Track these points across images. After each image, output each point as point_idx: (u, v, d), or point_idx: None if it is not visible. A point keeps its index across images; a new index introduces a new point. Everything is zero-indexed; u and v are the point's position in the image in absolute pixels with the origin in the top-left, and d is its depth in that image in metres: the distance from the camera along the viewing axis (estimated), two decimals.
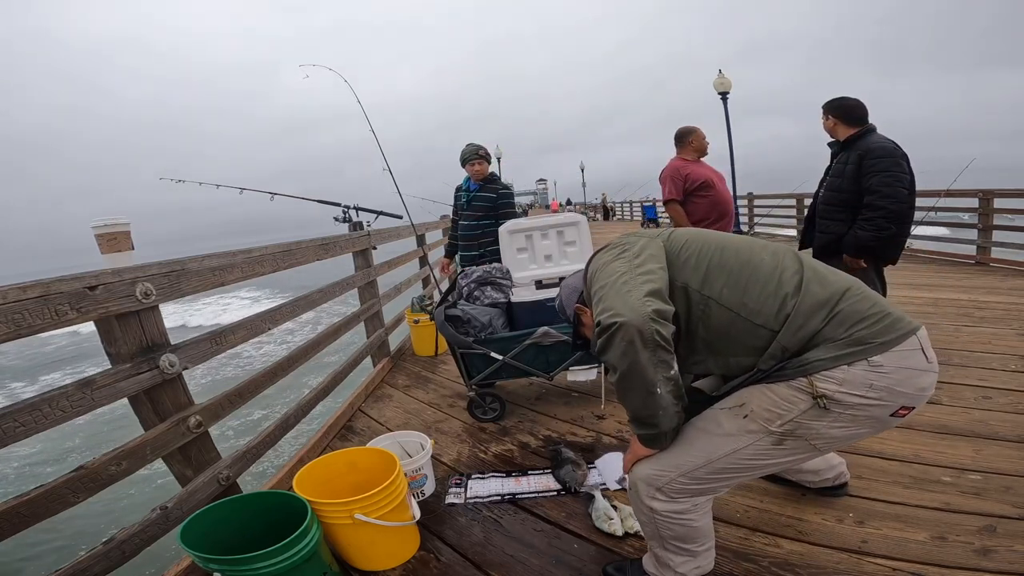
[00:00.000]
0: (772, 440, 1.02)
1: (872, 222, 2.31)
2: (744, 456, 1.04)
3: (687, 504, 1.12)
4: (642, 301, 0.97)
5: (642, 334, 0.95)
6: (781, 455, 1.03)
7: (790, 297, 0.98)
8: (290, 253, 2.45)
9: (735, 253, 1.06)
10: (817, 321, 0.96)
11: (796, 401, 0.98)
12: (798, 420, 0.98)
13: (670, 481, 1.10)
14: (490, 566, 1.55)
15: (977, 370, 2.62)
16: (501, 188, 3.40)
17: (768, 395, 1.02)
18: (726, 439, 1.05)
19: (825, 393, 0.94)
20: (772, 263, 1.03)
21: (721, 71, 9.56)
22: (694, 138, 3.20)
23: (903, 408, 0.96)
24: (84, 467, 1.33)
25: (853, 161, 2.36)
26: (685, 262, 1.08)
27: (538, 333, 2.38)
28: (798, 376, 0.97)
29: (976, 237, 6.16)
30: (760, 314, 0.99)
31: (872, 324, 0.94)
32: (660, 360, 0.97)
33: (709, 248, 1.08)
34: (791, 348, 0.98)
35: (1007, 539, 1.41)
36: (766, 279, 1.01)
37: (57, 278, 1.29)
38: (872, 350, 0.93)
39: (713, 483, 1.09)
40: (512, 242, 2.92)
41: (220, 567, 1.29)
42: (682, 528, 1.15)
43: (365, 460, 1.78)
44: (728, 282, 1.03)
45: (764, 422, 1.01)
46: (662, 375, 0.98)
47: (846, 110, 2.45)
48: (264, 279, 2.26)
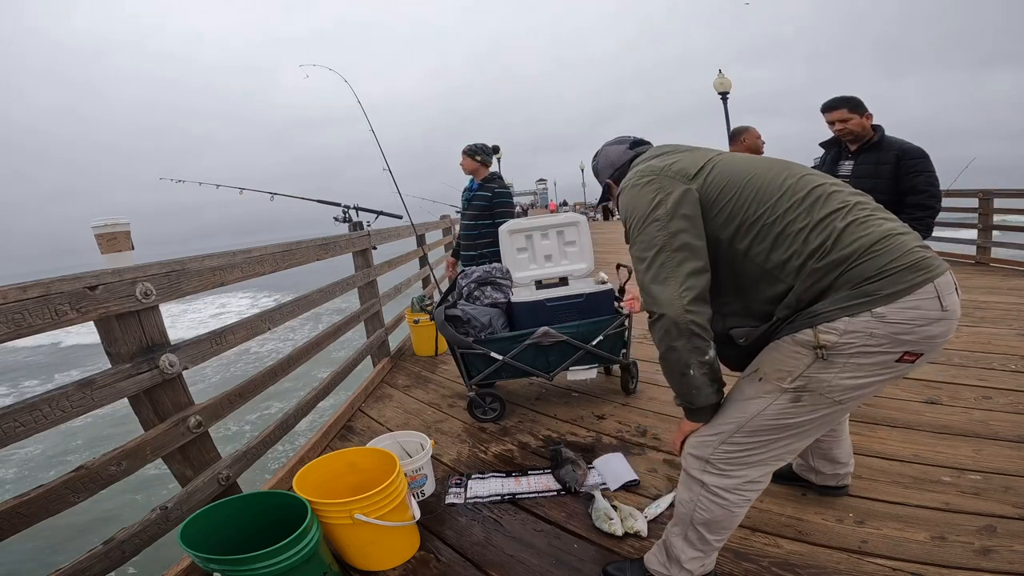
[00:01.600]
0: (789, 397, 1.05)
1: (923, 222, 2.29)
2: (769, 416, 1.08)
3: (736, 479, 1.14)
4: (679, 293, 1.05)
5: (678, 326, 1.05)
6: (806, 412, 1.05)
7: (812, 256, 1.00)
8: (290, 253, 2.45)
9: (770, 207, 1.05)
10: (831, 278, 0.98)
11: (799, 356, 1.02)
12: (806, 375, 1.02)
13: (714, 451, 1.15)
14: (490, 566, 1.55)
15: (977, 370, 2.62)
16: (498, 188, 3.35)
17: (774, 355, 1.07)
18: (748, 402, 1.11)
19: (825, 344, 0.97)
20: (804, 220, 1.02)
21: (721, 71, 9.56)
22: (746, 136, 3.18)
23: (907, 354, 0.96)
24: (84, 467, 1.33)
25: (888, 161, 2.30)
26: (718, 214, 1.10)
27: (538, 333, 2.38)
28: (804, 327, 1.01)
29: (976, 237, 6.17)
30: (783, 269, 1.03)
31: (883, 277, 0.94)
32: (694, 347, 1.06)
33: (745, 201, 1.07)
34: (804, 299, 1.02)
35: (1007, 539, 1.41)
36: (794, 237, 1.02)
37: (57, 278, 1.29)
38: (877, 301, 0.94)
39: (754, 449, 1.12)
40: (512, 242, 2.92)
41: (220, 567, 1.29)
42: (720, 510, 1.17)
43: (365, 460, 1.78)
44: (758, 237, 1.05)
45: (776, 381, 1.06)
46: (696, 359, 1.07)
47: (866, 108, 2.41)
48: (257, 281, 2.26)
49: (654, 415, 2.45)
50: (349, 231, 3.69)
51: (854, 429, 2.11)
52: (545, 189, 53.74)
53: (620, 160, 1.37)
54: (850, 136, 2.43)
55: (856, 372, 0.99)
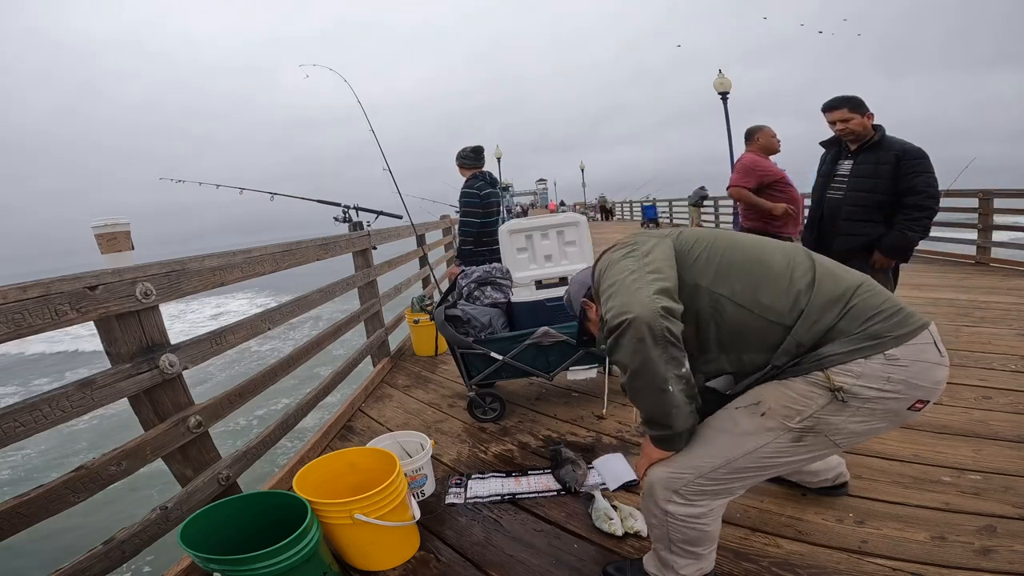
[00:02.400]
0: (791, 437, 1.01)
1: (920, 223, 2.29)
2: (764, 454, 1.03)
3: (704, 508, 1.11)
4: (651, 298, 0.97)
5: (652, 330, 0.95)
6: (802, 452, 1.02)
7: (803, 293, 0.97)
8: (290, 253, 2.45)
9: (745, 251, 1.06)
10: (831, 316, 0.96)
11: (814, 396, 0.97)
12: (817, 416, 0.98)
13: (688, 483, 1.09)
14: (490, 566, 1.55)
15: (977, 370, 2.62)
16: (464, 188, 3.45)
17: (784, 392, 1.01)
18: (745, 438, 1.04)
19: (842, 386, 0.94)
20: (783, 260, 1.03)
21: (721, 71, 9.56)
22: (760, 135, 3.18)
23: (919, 401, 0.96)
24: (84, 467, 1.33)
25: (888, 161, 2.31)
26: (695, 260, 1.08)
27: (538, 333, 2.38)
28: (814, 370, 0.97)
29: (976, 237, 6.17)
30: (773, 311, 0.99)
31: (886, 318, 0.94)
32: (671, 357, 0.97)
33: (720, 246, 1.08)
34: (805, 344, 0.98)
35: (1007, 539, 1.41)
36: (778, 275, 1.01)
37: (57, 278, 1.29)
38: (888, 343, 0.93)
39: (732, 483, 1.08)
40: (512, 242, 2.92)
41: (220, 567, 1.29)
42: (694, 532, 1.14)
43: (365, 460, 1.78)
44: (740, 279, 1.02)
45: (783, 419, 1.00)
46: (673, 372, 0.98)
47: (867, 108, 2.41)
48: (257, 282, 2.26)
49: None
50: (349, 231, 3.69)
51: None
52: (545, 189, 53.71)
53: (589, 279, 1.33)
54: (851, 136, 2.43)
55: (867, 417, 0.97)
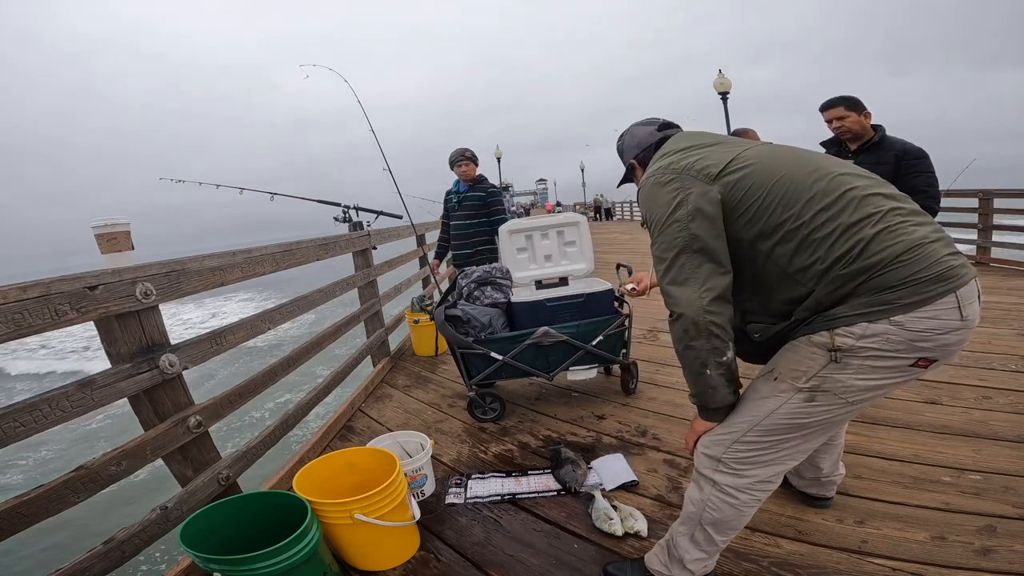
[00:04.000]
0: (803, 397, 1.06)
1: None
2: (783, 415, 1.08)
3: (749, 477, 1.15)
4: (700, 294, 1.06)
5: (697, 326, 1.06)
6: (819, 412, 1.06)
7: (837, 263, 0.98)
8: (290, 253, 2.45)
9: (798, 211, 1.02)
10: (854, 284, 0.98)
11: (815, 357, 1.03)
12: (821, 375, 1.03)
13: (727, 449, 1.16)
14: (490, 566, 1.55)
15: (977, 370, 2.62)
16: (490, 187, 3.54)
17: (790, 355, 1.09)
18: (763, 401, 1.12)
19: (840, 346, 0.99)
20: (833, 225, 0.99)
21: (721, 71, 9.56)
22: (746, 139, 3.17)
23: (922, 359, 0.97)
24: (84, 467, 1.33)
25: (888, 161, 2.30)
26: (741, 216, 1.07)
27: (538, 333, 2.38)
28: (821, 329, 1.02)
29: (976, 237, 6.17)
30: (806, 274, 1.02)
31: (905, 287, 0.94)
32: (713, 347, 1.07)
33: (771, 204, 1.04)
34: (824, 303, 1.02)
35: (1007, 539, 1.41)
36: (820, 242, 1.00)
37: (57, 278, 1.29)
38: (896, 310, 0.94)
39: (766, 449, 1.13)
40: (512, 242, 2.92)
41: (220, 567, 1.29)
42: (731, 510, 1.18)
43: (365, 460, 1.78)
44: (782, 240, 1.04)
45: (792, 380, 1.07)
46: (714, 359, 1.08)
47: (867, 108, 2.40)
48: (256, 282, 2.27)
49: (654, 415, 2.45)
50: (349, 231, 3.69)
51: (854, 429, 2.11)
52: (545, 189, 53.69)
53: (647, 141, 1.34)
54: (848, 134, 2.43)
55: (870, 374, 1.00)
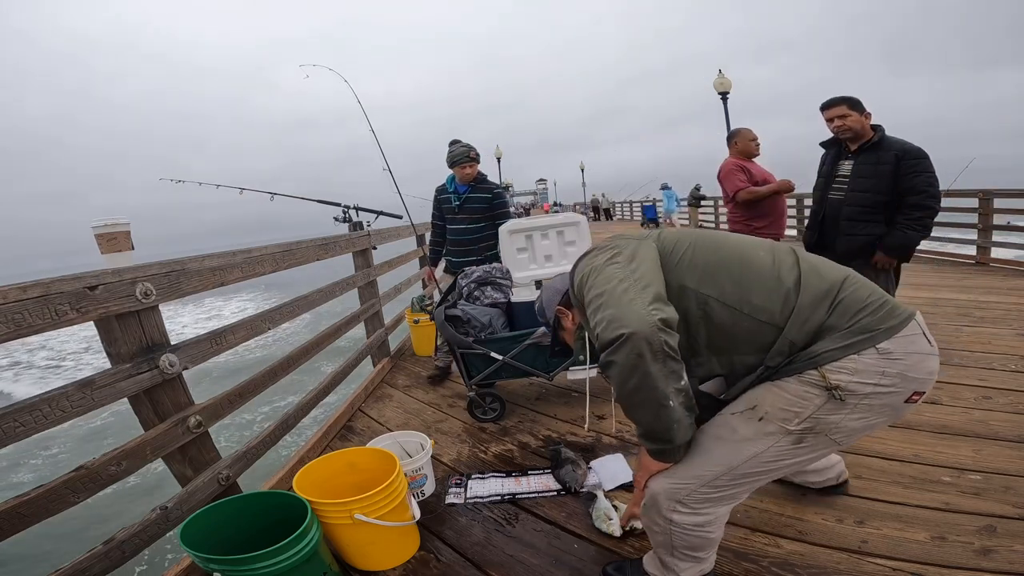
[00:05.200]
0: (792, 439, 1.00)
1: (921, 222, 2.30)
2: (766, 459, 1.02)
3: (709, 515, 1.10)
4: (647, 310, 0.94)
5: (651, 345, 0.92)
6: (803, 453, 1.01)
7: (792, 292, 0.97)
8: (290, 253, 2.45)
9: (730, 250, 1.04)
10: (821, 313, 0.95)
11: (811, 397, 0.96)
12: (816, 416, 0.97)
13: (691, 493, 1.07)
14: (490, 566, 1.55)
15: (977, 370, 2.62)
16: (496, 188, 3.20)
17: (781, 394, 0.99)
18: (744, 444, 1.02)
19: (839, 384, 0.93)
20: (769, 258, 1.02)
21: (721, 71, 9.56)
22: (738, 139, 3.14)
23: (916, 393, 0.96)
24: (84, 467, 1.33)
25: (888, 161, 2.31)
26: (680, 261, 1.05)
27: (538, 333, 2.38)
28: (808, 369, 0.96)
29: (976, 237, 6.17)
30: (764, 311, 0.97)
31: (874, 311, 0.94)
32: (671, 371, 0.94)
33: (704, 246, 1.06)
34: (798, 343, 0.97)
35: (1007, 539, 1.41)
36: (766, 274, 0.99)
37: (57, 278, 1.29)
38: (879, 336, 0.92)
39: (735, 489, 1.07)
40: (512, 242, 2.92)
41: (220, 567, 1.29)
42: (698, 540, 1.13)
43: (365, 460, 1.78)
44: (728, 280, 1.00)
45: (782, 422, 0.99)
46: (673, 387, 0.95)
47: (864, 107, 2.41)
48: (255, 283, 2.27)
49: None
50: (349, 231, 3.69)
51: None
52: (545, 189, 53.71)
53: (564, 286, 1.29)
54: (849, 133, 2.43)
55: (866, 413, 0.96)
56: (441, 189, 3.30)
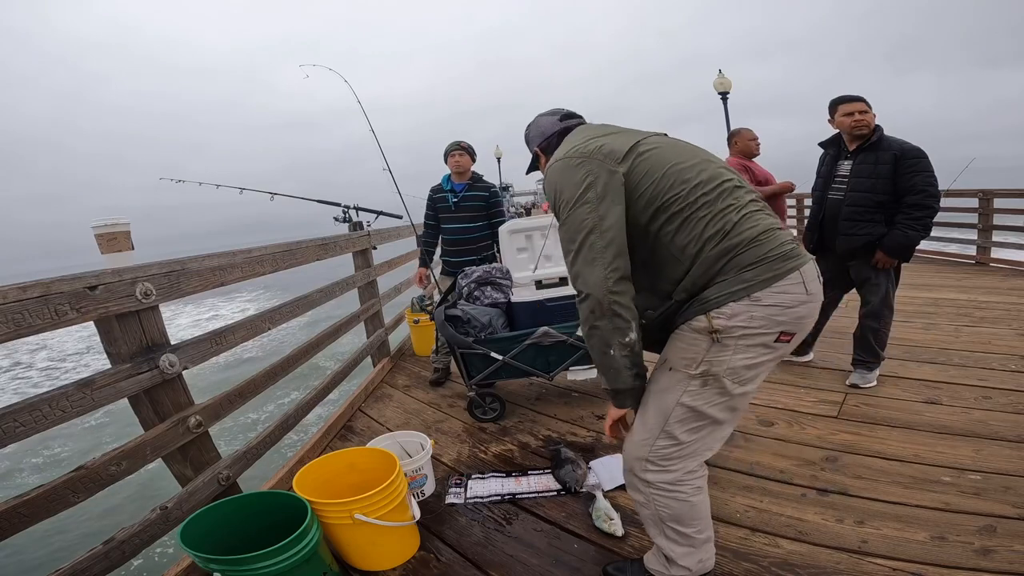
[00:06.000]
0: (699, 382, 1.14)
1: (921, 222, 2.30)
2: (687, 403, 1.15)
3: (678, 471, 1.20)
4: (606, 275, 1.12)
5: (602, 306, 1.12)
6: (716, 396, 1.14)
7: (709, 242, 1.11)
8: (290, 253, 2.45)
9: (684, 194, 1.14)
10: (720, 264, 1.11)
11: (699, 341, 1.13)
12: (708, 359, 1.12)
13: (652, 448, 1.20)
14: (490, 566, 1.55)
15: (977, 370, 2.62)
16: (492, 187, 3.25)
17: (679, 345, 1.17)
18: (665, 393, 1.18)
19: (717, 328, 1.09)
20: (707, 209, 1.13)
21: (721, 71, 9.55)
22: (738, 139, 3.16)
23: (784, 334, 1.10)
24: (84, 467, 1.33)
25: (887, 161, 2.32)
26: (639, 199, 1.17)
27: (538, 333, 2.38)
28: (698, 315, 1.12)
29: (976, 237, 6.17)
30: (684, 253, 1.13)
31: (759, 265, 1.09)
32: (616, 327, 1.13)
33: (663, 186, 1.15)
34: (698, 284, 1.13)
35: (1007, 539, 1.41)
36: (697, 222, 1.13)
37: (57, 278, 1.29)
38: (754, 287, 1.07)
39: (687, 438, 1.18)
40: (512, 242, 2.91)
41: (220, 567, 1.29)
42: (677, 503, 1.21)
43: (365, 460, 1.78)
44: (668, 221, 1.15)
45: (684, 368, 1.15)
46: (617, 340, 1.14)
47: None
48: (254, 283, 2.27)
49: None
50: (349, 231, 3.69)
51: (854, 429, 2.12)
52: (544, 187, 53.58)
53: (551, 130, 1.42)
54: (866, 129, 2.43)
55: (747, 353, 1.11)
56: (436, 189, 3.31)
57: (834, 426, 2.17)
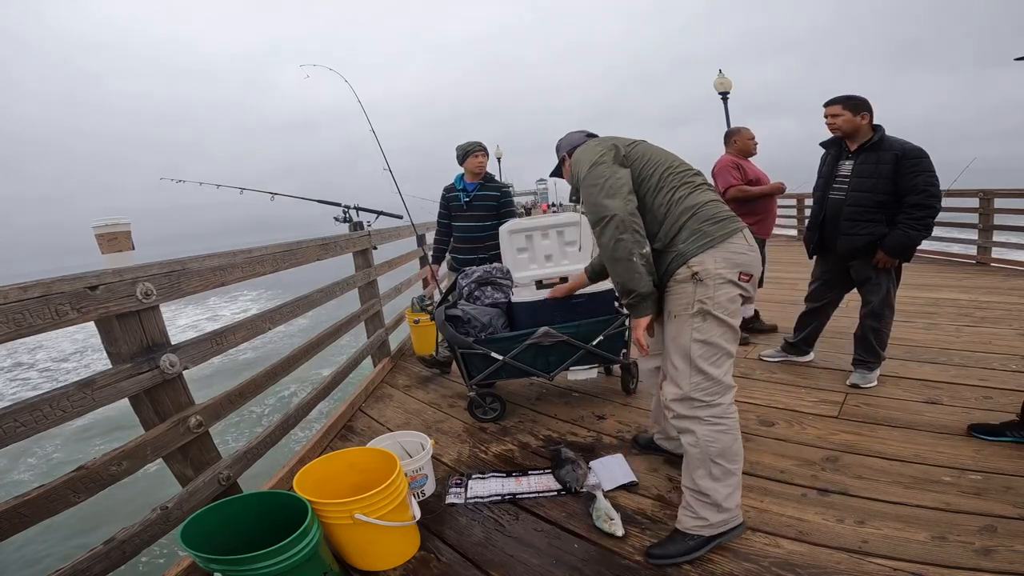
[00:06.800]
0: (699, 318, 1.43)
1: (922, 222, 2.30)
2: (699, 338, 1.43)
3: (720, 404, 1.45)
4: (625, 201, 1.46)
5: (624, 223, 1.44)
6: (717, 327, 1.43)
7: (676, 204, 1.50)
8: (291, 253, 2.45)
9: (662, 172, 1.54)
10: (685, 218, 1.47)
11: (686, 288, 1.44)
12: (697, 298, 1.42)
13: (688, 385, 1.46)
14: (490, 566, 1.55)
15: (977, 370, 2.62)
16: (504, 187, 3.35)
17: (673, 297, 1.49)
18: (678, 337, 1.47)
19: (696, 271, 1.42)
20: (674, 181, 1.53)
21: (721, 71, 9.55)
22: (737, 138, 3.19)
23: (743, 274, 1.44)
24: (84, 467, 1.33)
25: (888, 161, 2.32)
26: (638, 175, 1.56)
27: (538, 333, 2.38)
28: (680, 267, 1.45)
29: (976, 237, 6.16)
30: (659, 211, 1.51)
31: (714, 223, 1.45)
32: (636, 240, 1.44)
33: (648, 166, 1.57)
34: (670, 234, 1.48)
35: (1007, 539, 1.41)
36: (668, 190, 1.52)
37: (58, 278, 1.29)
38: (716, 240, 1.43)
39: (714, 372, 1.44)
40: (512, 242, 2.91)
41: (220, 567, 1.29)
42: (725, 436, 1.45)
43: (365, 460, 1.78)
44: (650, 190, 1.54)
45: (683, 310, 1.45)
46: (638, 250, 1.44)
47: (871, 108, 2.41)
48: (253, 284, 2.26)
49: None
50: (349, 231, 3.69)
51: (855, 429, 2.12)
52: (545, 189, 53.64)
53: (579, 141, 1.80)
54: (838, 132, 2.47)
55: (723, 288, 1.42)
56: (449, 188, 3.40)
57: (835, 426, 2.17)
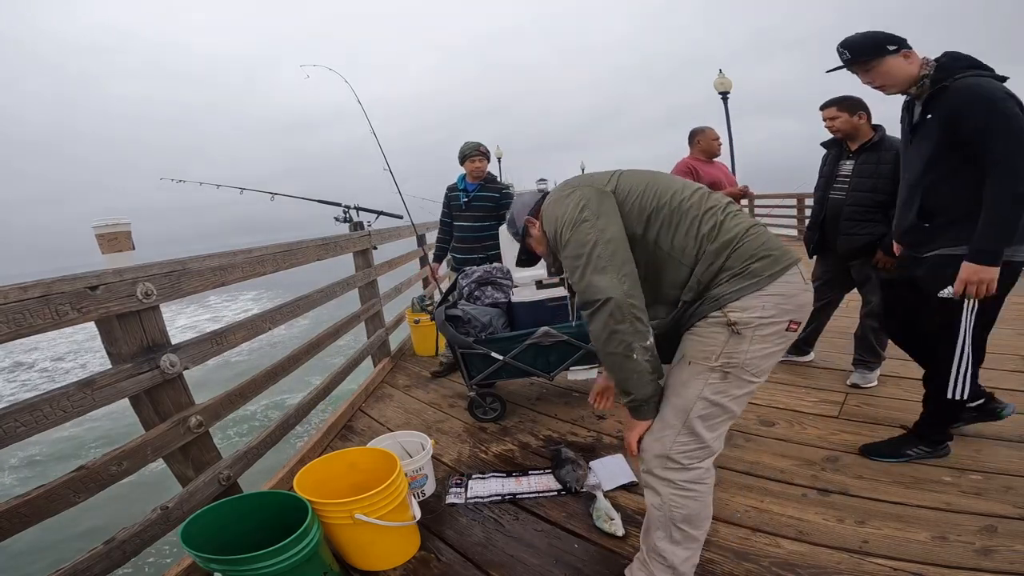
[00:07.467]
0: (718, 375, 1.17)
1: None
2: (708, 396, 1.17)
3: (698, 469, 1.21)
4: (619, 279, 1.16)
5: (621, 309, 1.13)
6: (736, 386, 1.18)
7: (706, 239, 1.18)
8: (291, 253, 2.45)
9: (668, 200, 1.23)
10: (723, 258, 1.16)
11: (717, 334, 1.16)
12: (727, 351, 1.15)
13: (672, 444, 1.20)
14: (490, 566, 1.55)
15: None
16: (503, 188, 3.38)
17: (697, 339, 1.20)
18: (686, 386, 1.19)
19: (736, 320, 1.13)
20: (695, 211, 1.21)
21: (721, 71, 9.55)
22: (701, 138, 3.17)
23: (792, 323, 1.16)
24: (85, 467, 1.33)
25: (888, 161, 2.31)
26: (630, 211, 1.24)
27: (538, 333, 2.38)
28: (713, 311, 1.16)
29: None
30: (685, 254, 1.19)
31: (761, 259, 1.15)
32: (636, 330, 1.15)
33: (648, 197, 1.25)
34: (704, 281, 1.18)
35: (1007, 539, 1.41)
36: (690, 223, 1.20)
37: (58, 278, 1.29)
38: (763, 282, 1.14)
39: (707, 435, 1.19)
40: (512, 242, 2.92)
41: (220, 567, 1.29)
42: (694, 503, 1.22)
43: (365, 460, 1.78)
44: (663, 226, 1.21)
45: (703, 361, 1.17)
46: (639, 343, 1.15)
47: (867, 107, 2.41)
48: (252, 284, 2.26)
49: None
50: (349, 231, 3.69)
51: (855, 428, 2.11)
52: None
53: (532, 201, 1.50)
54: (838, 133, 2.47)
55: (763, 343, 1.15)
56: (452, 187, 3.46)
57: (835, 426, 2.17)
